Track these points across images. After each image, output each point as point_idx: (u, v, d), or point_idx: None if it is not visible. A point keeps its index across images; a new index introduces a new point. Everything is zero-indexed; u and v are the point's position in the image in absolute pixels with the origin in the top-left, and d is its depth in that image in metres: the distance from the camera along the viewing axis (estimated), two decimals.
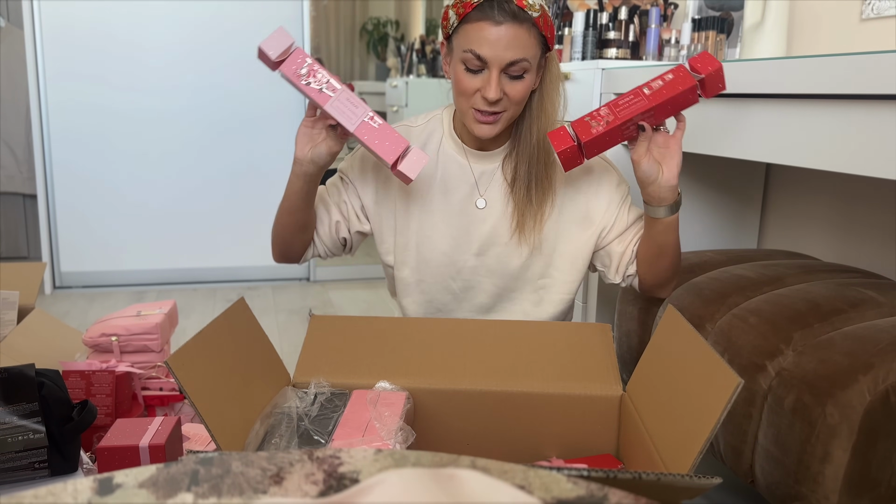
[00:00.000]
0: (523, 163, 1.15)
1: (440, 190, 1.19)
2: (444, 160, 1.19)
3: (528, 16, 1.04)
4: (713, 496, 1.43)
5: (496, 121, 1.10)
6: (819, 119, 1.14)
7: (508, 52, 1.04)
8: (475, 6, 1.04)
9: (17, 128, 3.39)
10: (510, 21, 1.03)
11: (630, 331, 1.59)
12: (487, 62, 1.05)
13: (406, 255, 1.23)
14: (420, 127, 1.22)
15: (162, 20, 3.04)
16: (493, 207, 1.19)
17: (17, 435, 1.00)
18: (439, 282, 1.23)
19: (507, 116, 1.10)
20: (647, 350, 0.97)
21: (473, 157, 1.19)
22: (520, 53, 1.04)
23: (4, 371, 0.99)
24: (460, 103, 1.11)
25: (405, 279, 1.24)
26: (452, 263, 1.21)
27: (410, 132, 1.21)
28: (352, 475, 0.44)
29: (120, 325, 1.53)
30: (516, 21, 1.03)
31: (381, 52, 6.59)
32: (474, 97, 1.08)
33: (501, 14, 1.03)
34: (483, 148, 1.19)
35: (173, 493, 0.42)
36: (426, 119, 1.23)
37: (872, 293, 1.25)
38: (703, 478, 0.65)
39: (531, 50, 1.06)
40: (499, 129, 1.11)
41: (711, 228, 1.90)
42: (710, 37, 1.92)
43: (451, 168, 1.19)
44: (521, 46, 1.04)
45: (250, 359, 0.96)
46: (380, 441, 0.85)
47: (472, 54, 1.05)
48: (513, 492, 0.40)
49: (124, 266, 3.16)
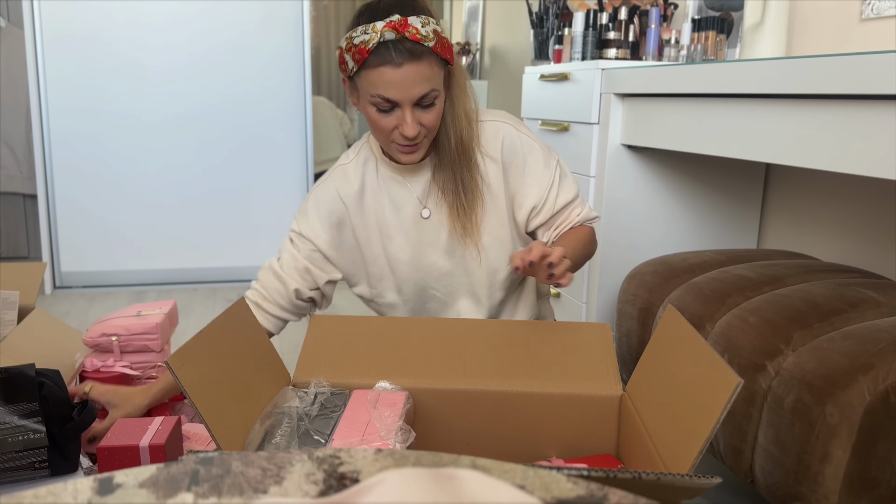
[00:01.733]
0: (447, 170, 1.17)
1: (391, 211, 1.21)
2: (387, 183, 1.21)
3: (426, 48, 1.04)
4: (713, 496, 1.43)
5: (418, 149, 1.12)
6: (819, 119, 1.14)
7: (416, 89, 1.05)
8: (370, 51, 1.03)
9: (17, 128, 3.39)
10: (409, 60, 1.03)
11: (630, 331, 1.59)
12: (398, 102, 1.06)
13: (383, 282, 1.24)
14: (353, 162, 1.23)
15: (162, 20, 3.04)
16: (435, 215, 1.21)
17: (17, 435, 1.00)
18: (423, 293, 1.24)
19: (427, 141, 1.13)
20: (647, 350, 0.97)
21: (408, 172, 1.20)
22: (427, 86, 1.06)
23: (5, 371, 0.99)
24: (381, 139, 1.13)
25: (391, 303, 1.26)
26: (426, 271, 1.22)
27: (346, 171, 1.22)
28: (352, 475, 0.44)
29: (120, 325, 1.53)
30: (414, 58, 1.03)
31: None
32: (393, 134, 1.10)
33: (399, 55, 1.03)
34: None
35: (173, 492, 0.42)
36: (356, 151, 1.24)
37: (872, 293, 1.25)
38: (702, 478, 0.65)
39: (436, 79, 1.07)
40: (423, 153, 1.14)
41: (711, 228, 1.90)
42: (709, 37, 1.93)
43: (395, 188, 1.21)
44: (426, 79, 1.05)
45: (250, 359, 0.96)
46: (380, 441, 0.85)
47: (381, 98, 1.06)
48: (513, 492, 0.40)
49: (124, 266, 3.16)
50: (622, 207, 1.83)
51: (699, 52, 1.94)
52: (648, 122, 1.64)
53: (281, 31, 3.17)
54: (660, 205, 1.85)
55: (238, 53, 3.13)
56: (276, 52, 3.18)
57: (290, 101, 3.21)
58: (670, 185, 1.83)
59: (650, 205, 1.84)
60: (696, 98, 1.45)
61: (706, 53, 1.94)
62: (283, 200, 3.27)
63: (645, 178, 1.81)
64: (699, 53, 1.94)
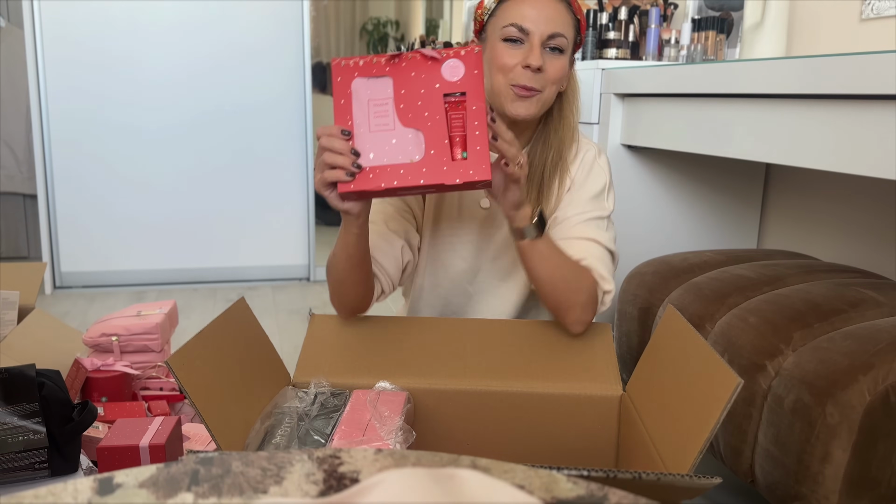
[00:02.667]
0: (538, 166, 1.13)
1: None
2: None
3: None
4: (713, 496, 1.43)
5: (534, 96, 1.08)
6: (818, 119, 1.14)
7: (550, 25, 1.06)
8: None
9: (17, 128, 3.39)
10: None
11: (630, 331, 1.59)
12: (529, 33, 1.06)
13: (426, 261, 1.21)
14: None
15: (162, 20, 3.04)
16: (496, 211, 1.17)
17: (17, 435, 1.00)
18: (456, 286, 1.21)
19: (543, 98, 1.09)
20: (647, 350, 0.97)
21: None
22: (560, 27, 1.07)
23: (5, 371, 0.99)
24: (498, 82, 1.09)
25: (421, 285, 1.22)
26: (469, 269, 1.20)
27: None
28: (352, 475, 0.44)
29: (120, 325, 1.53)
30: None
31: (381, 52, 6.59)
32: (514, 71, 1.07)
33: None
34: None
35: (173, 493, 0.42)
36: None
37: (872, 293, 1.25)
38: (702, 478, 0.65)
39: (568, 29, 1.08)
40: (535, 111, 1.09)
41: (711, 228, 1.90)
42: (709, 37, 1.93)
43: None
44: (561, 21, 1.07)
45: (250, 359, 0.96)
46: (380, 441, 0.85)
47: (514, 27, 1.06)
48: (513, 492, 0.40)
49: (124, 266, 3.16)
50: (622, 207, 1.83)
51: (699, 52, 1.94)
52: (648, 122, 1.64)
53: (281, 31, 3.17)
54: (660, 205, 1.85)
55: (238, 53, 3.13)
56: (275, 52, 3.18)
57: (290, 100, 3.21)
58: (670, 185, 1.83)
59: (650, 205, 1.84)
60: (696, 98, 1.45)
61: (706, 53, 1.94)
62: (283, 200, 3.27)
63: (645, 178, 1.81)
64: (699, 53, 1.94)
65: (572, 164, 1.15)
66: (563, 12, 1.08)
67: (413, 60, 0.92)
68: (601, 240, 1.11)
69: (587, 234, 1.11)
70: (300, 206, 3.29)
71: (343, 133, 0.91)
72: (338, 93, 0.92)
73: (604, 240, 1.11)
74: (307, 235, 3.32)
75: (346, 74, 0.92)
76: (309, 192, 3.29)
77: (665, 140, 1.57)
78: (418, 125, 0.91)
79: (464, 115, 0.92)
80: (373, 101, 0.92)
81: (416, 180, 0.90)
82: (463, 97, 0.92)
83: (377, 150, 0.91)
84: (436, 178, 0.90)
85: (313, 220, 3.32)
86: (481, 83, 0.92)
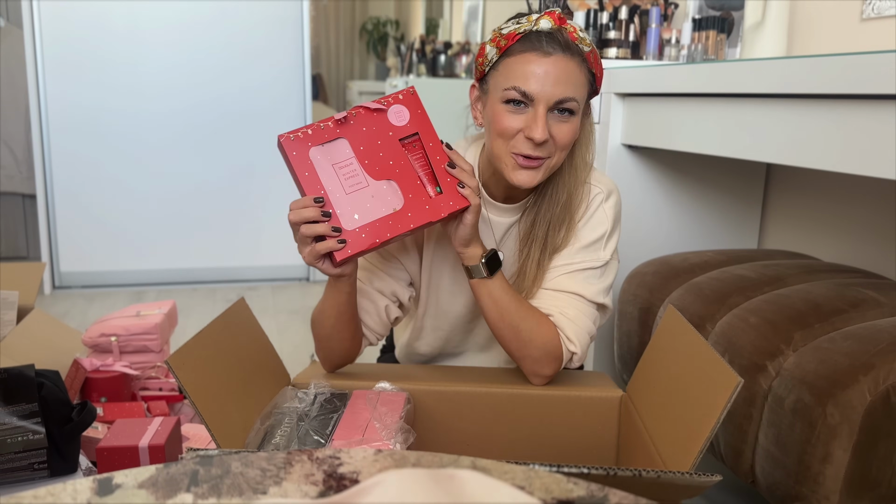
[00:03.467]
0: (542, 223, 1.03)
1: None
2: None
3: (580, 49, 0.94)
4: (713, 496, 1.43)
5: (539, 166, 0.97)
6: (819, 119, 1.14)
7: (558, 89, 0.92)
8: (520, 37, 0.93)
9: (16, 128, 3.38)
10: (561, 52, 0.92)
11: (630, 331, 1.59)
12: (534, 98, 0.93)
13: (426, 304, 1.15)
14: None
15: (162, 20, 3.04)
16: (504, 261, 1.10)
17: (16, 435, 1.00)
18: (457, 327, 1.16)
19: (551, 164, 0.98)
20: (648, 350, 0.97)
21: (495, 209, 1.08)
22: (570, 91, 0.93)
23: (4, 372, 0.99)
24: (498, 147, 0.97)
25: (421, 326, 1.17)
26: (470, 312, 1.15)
27: None
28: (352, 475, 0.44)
29: (119, 325, 1.53)
30: (568, 53, 0.93)
31: (380, 51, 6.59)
32: (516, 139, 0.95)
33: (551, 45, 0.92)
34: (510, 199, 1.07)
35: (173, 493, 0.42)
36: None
37: (873, 293, 1.25)
38: (702, 475, 0.65)
39: (580, 89, 0.95)
40: (540, 178, 0.98)
41: (711, 228, 1.90)
42: (710, 36, 1.92)
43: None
44: (572, 83, 0.93)
45: (250, 359, 0.96)
46: (380, 441, 0.85)
47: (517, 91, 0.93)
48: (513, 492, 0.40)
49: (124, 266, 3.16)
50: (622, 207, 1.83)
51: (700, 52, 1.94)
52: (648, 122, 1.63)
53: (281, 31, 3.17)
54: (660, 205, 1.84)
55: (238, 53, 3.13)
56: (275, 52, 3.18)
57: (289, 101, 3.21)
58: (670, 185, 1.83)
59: (650, 205, 1.84)
60: (696, 98, 1.45)
61: (707, 53, 1.94)
62: (283, 200, 3.27)
63: (645, 177, 1.81)
64: (700, 53, 1.94)
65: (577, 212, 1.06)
66: (574, 71, 0.93)
67: (359, 116, 0.94)
68: (586, 293, 1.03)
69: (569, 288, 1.03)
70: None
71: (316, 201, 0.90)
72: (298, 166, 0.91)
73: (589, 293, 1.03)
74: None
75: (299, 147, 0.91)
76: None
77: (665, 140, 1.57)
78: (389, 175, 0.93)
79: (423, 154, 0.95)
80: (337, 165, 0.92)
81: (406, 226, 0.92)
82: (417, 137, 0.95)
83: (359, 209, 0.92)
84: (422, 219, 0.93)
85: None
86: (427, 120, 0.96)
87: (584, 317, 1.02)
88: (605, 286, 1.06)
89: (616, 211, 1.09)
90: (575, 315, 1.02)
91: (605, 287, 1.06)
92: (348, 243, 0.90)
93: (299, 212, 0.90)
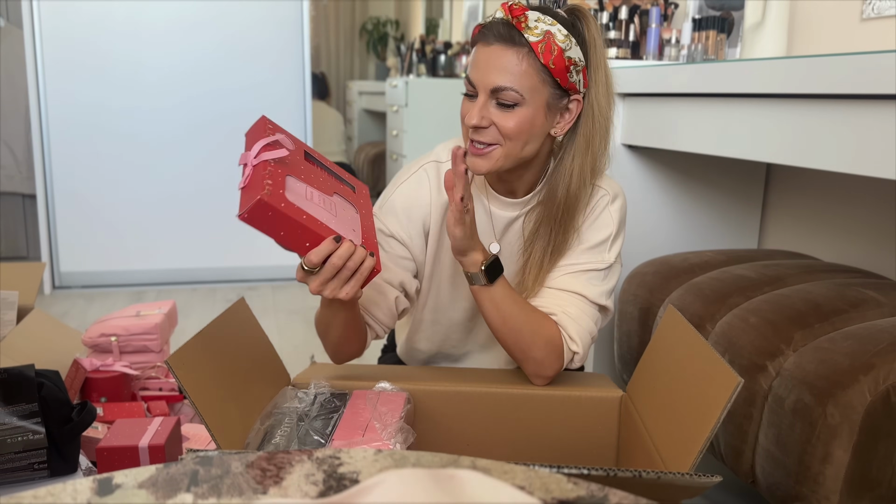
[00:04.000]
0: (546, 223, 1.04)
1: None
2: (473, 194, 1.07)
3: (523, 39, 0.93)
4: (713, 496, 1.43)
5: (487, 154, 0.98)
6: (819, 119, 1.14)
7: (492, 77, 0.95)
8: (480, 28, 0.98)
9: (16, 128, 3.38)
10: (498, 42, 0.95)
11: (630, 331, 1.59)
12: (475, 86, 0.97)
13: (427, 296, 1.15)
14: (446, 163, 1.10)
15: (162, 20, 3.04)
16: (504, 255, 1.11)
17: (16, 435, 1.00)
18: (456, 324, 1.17)
19: (502, 153, 0.98)
20: (648, 350, 0.97)
21: (497, 202, 1.09)
22: (506, 80, 0.94)
23: (4, 372, 0.99)
24: (463, 135, 1.03)
25: (420, 319, 1.18)
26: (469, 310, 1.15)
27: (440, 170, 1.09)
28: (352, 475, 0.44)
29: (119, 325, 1.53)
30: (504, 42, 0.94)
31: (381, 51, 6.59)
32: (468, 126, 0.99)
33: (493, 34, 0.95)
34: (511, 193, 1.09)
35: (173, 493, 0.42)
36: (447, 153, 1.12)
37: (873, 293, 1.25)
38: (702, 476, 0.65)
39: (524, 80, 0.94)
40: (491, 166, 0.99)
41: (711, 228, 1.90)
42: (710, 36, 1.92)
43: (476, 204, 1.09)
44: (509, 72, 0.94)
45: (250, 359, 0.96)
46: (380, 441, 0.85)
47: (467, 79, 0.98)
48: (513, 492, 0.40)
49: (124, 266, 3.16)
50: None
51: (700, 52, 1.94)
52: (648, 122, 1.63)
53: (280, 31, 3.17)
54: (660, 205, 1.84)
55: (237, 53, 3.13)
56: (275, 52, 3.17)
57: (289, 100, 3.21)
58: (670, 185, 1.83)
59: (650, 205, 1.84)
60: (696, 98, 1.45)
61: (707, 53, 1.94)
62: None
63: (645, 178, 1.81)
64: (700, 53, 1.94)
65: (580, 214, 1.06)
66: (513, 63, 0.94)
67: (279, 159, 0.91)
68: (589, 294, 1.04)
69: (572, 287, 1.04)
70: None
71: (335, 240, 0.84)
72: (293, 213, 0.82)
73: (592, 294, 1.04)
74: None
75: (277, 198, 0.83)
76: None
77: (665, 140, 1.57)
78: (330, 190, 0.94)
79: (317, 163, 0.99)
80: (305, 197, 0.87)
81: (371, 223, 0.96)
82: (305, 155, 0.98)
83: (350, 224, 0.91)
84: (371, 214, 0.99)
85: None
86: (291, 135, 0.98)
87: (586, 317, 1.03)
88: (608, 288, 1.07)
89: (622, 214, 1.09)
90: (577, 315, 1.02)
91: (608, 289, 1.07)
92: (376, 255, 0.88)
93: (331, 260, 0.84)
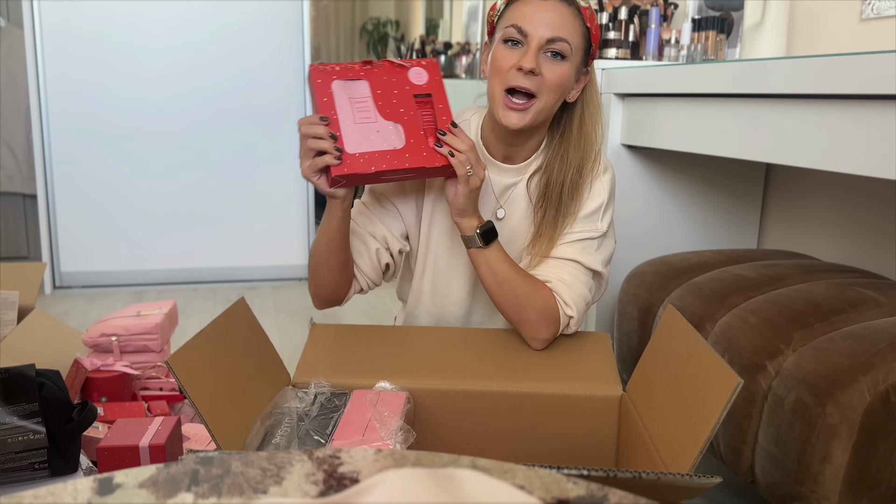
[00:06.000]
0: (556, 185, 1.09)
1: None
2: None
3: (577, 2, 1.04)
4: (713, 496, 1.43)
5: (526, 108, 1.03)
6: (819, 119, 1.14)
7: (551, 29, 1.02)
8: None
9: (17, 128, 3.39)
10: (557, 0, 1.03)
11: (630, 331, 1.59)
12: (528, 35, 1.02)
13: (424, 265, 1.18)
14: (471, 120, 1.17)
15: (162, 20, 3.04)
16: (510, 221, 1.14)
17: (17, 435, 1.00)
18: (456, 294, 1.19)
19: (538, 107, 1.04)
20: (647, 350, 0.97)
21: (494, 168, 1.13)
22: (563, 32, 1.02)
23: (4, 371, 0.99)
24: (493, 86, 1.06)
25: (420, 290, 1.20)
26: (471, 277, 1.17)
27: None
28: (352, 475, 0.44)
29: (120, 325, 1.53)
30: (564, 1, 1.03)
31: (381, 51, 6.59)
32: (509, 74, 1.03)
33: None
34: (508, 159, 1.13)
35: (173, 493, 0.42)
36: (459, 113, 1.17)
37: (872, 293, 1.25)
38: (703, 477, 0.65)
39: (574, 36, 1.03)
40: (527, 121, 1.04)
41: (711, 228, 1.90)
42: (710, 37, 1.92)
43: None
44: (564, 27, 1.02)
45: (250, 359, 0.96)
46: (380, 441, 0.85)
47: (514, 28, 1.03)
48: (513, 492, 0.40)
49: (124, 266, 3.16)
50: (622, 207, 1.83)
51: (699, 52, 1.94)
52: (648, 122, 1.64)
53: (281, 31, 3.17)
54: (660, 205, 1.84)
55: (238, 53, 3.13)
56: (275, 52, 3.17)
57: (289, 101, 3.21)
58: (670, 185, 1.83)
59: (650, 205, 1.84)
60: (696, 98, 1.45)
61: (706, 53, 1.94)
62: (283, 200, 3.27)
63: (645, 178, 1.81)
64: (699, 53, 1.94)
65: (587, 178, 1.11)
66: (568, 18, 1.03)
67: (384, 67, 1.05)
68: (584, 261, 1.09)
69: (567, 255, 1.09)
70: (300, 206, 3.29)
71: (322, 119, 0.98)
72: (319, 92, 1.00)
73: (587, 261, 1.09)
74: (307, 235, 3.32)
75: (325, 77, 1.01)
76: (308, 192, 3.29)
77: (665, 140, 1.57)
78: (397, 119, 1.02)
79: (433, 112, 1.04)
80: (353, 99, 1.02)
81: (402, 164, 1.00)
82: (430, 97, 1.05)
83: (363, 139, 1.00)
84: (418, 162, 1.01)
85: (313, 220, 3.32)
86: (443, 87, 1.06)
87: (580, 283, 1.08)
88: (603, 257, 1.12)
89: (611, 186, 1.14)
90: (571, 281, 1.07)
91: (603, 258, 1.12)
92: (345, 162, 0.97)
93: (309, 126, 0.97)
